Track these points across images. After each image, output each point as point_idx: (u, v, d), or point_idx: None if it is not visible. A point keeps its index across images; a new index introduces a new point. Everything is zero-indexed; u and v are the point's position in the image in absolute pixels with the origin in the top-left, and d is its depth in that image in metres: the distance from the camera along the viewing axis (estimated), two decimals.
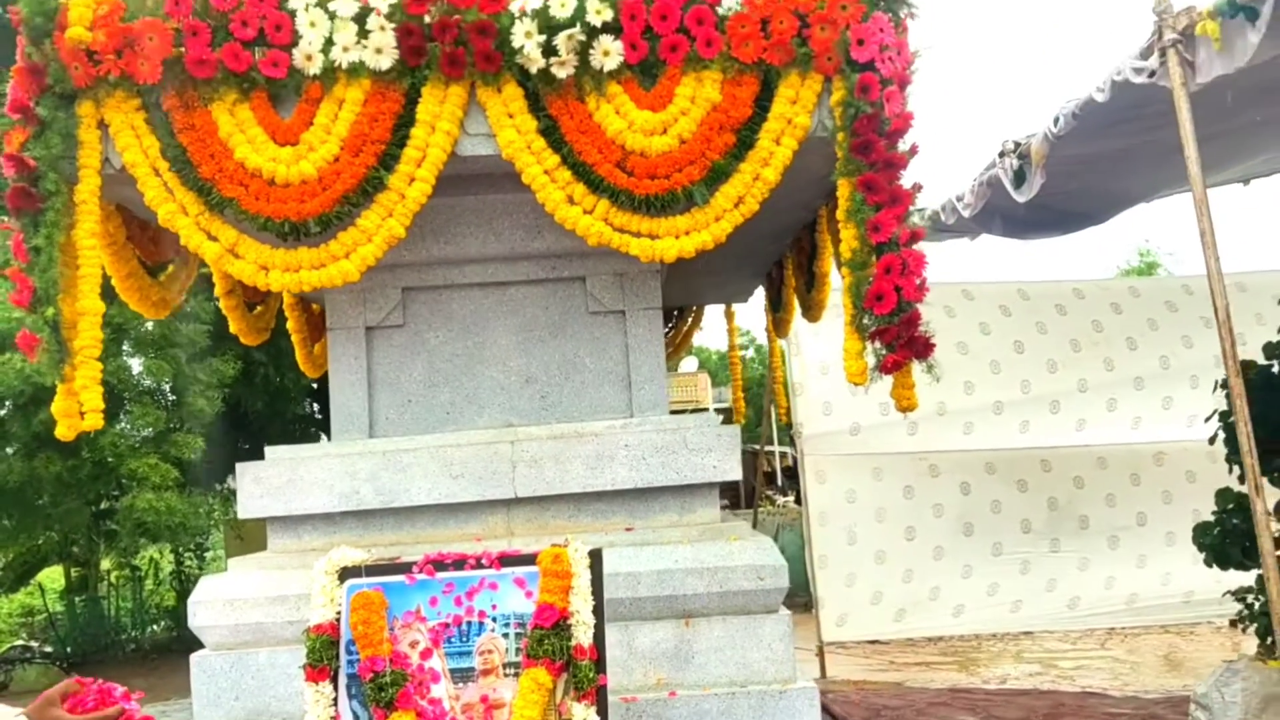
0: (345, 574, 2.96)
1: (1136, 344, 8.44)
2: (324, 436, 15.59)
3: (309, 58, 3.62)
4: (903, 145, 3.69)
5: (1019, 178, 5.94)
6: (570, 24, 3.63)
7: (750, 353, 28.51)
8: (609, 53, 3.67)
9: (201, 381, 11.16)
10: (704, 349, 32.62)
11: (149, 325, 10.67)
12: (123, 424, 11.01)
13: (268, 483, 4.02)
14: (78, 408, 3.50)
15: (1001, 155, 6.10)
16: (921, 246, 3.78)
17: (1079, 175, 6.04)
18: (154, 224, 4.01)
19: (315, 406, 14.85)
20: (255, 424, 13.16)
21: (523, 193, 3.81)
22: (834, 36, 3.67)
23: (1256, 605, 5.13)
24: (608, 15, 3.65)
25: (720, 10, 3.71)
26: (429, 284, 4.36)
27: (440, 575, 2.94)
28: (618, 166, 3.72)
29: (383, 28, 3.61)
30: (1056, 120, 5.40)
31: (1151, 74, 4.52)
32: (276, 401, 13.34)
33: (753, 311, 8.07)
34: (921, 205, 7.65)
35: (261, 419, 13.17)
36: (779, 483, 21.33)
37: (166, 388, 11.66)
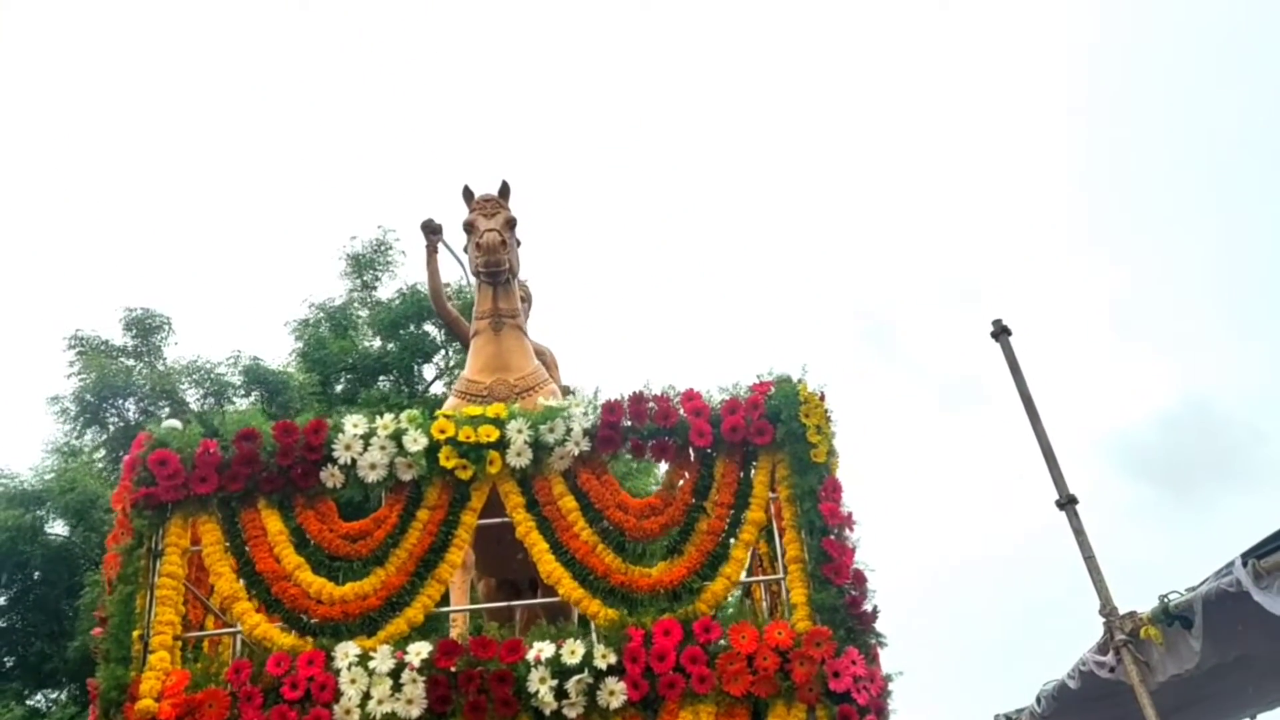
0: None
1: None
2: None
3: (348, 711, 4.06)
4: None
5: None
6: (579, 669, 4.13)
7: None
8: (614, 693, 4.13)
9: None
10: None
11: None
12: None
13: None
14: None
15: None
16: None
17: None
18: None
19: None
20: None
21: None
22: (812, 670, 4.13)
23: None
24: (612, 659, 4.17)
25: (711, 649, 4.22)
26: None
27: None
28: None
29: (414, 681, 4.10)
30: (1039, 700, 5.75)
31: (1111, 669, 4.94)
32: None
33: None
34: None
35: None
36: None
37: None
